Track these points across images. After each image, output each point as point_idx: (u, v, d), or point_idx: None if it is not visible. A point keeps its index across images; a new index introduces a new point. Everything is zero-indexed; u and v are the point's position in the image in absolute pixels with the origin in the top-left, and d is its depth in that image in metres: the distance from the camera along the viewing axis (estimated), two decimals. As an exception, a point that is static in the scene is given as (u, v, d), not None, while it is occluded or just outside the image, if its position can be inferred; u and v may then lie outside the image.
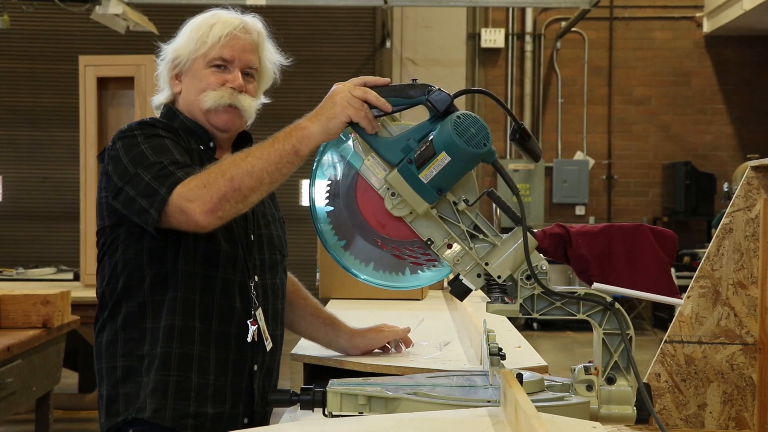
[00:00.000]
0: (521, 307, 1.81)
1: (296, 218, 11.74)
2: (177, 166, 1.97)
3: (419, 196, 1.78)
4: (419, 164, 1.76)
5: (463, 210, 1.81)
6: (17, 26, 9.95)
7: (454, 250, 1.82)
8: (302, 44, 11.42)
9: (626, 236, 1.88)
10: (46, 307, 3.94)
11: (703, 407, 2.15)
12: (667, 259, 1.89)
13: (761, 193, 2.11)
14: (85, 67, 5.98)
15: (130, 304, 2.09)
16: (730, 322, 2.12)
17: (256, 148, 1.93)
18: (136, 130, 2.08)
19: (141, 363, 2.08)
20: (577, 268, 1.87)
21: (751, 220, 2.11)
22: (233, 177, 1.89)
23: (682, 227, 11.76)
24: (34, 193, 11.78)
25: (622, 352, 1.81)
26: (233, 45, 2.16)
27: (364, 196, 1.86)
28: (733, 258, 2.12)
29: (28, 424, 5.13)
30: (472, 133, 1.75)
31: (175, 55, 2.19)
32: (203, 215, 1.90)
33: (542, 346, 9.42)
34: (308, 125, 1.87)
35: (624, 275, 1.85)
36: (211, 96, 2.14)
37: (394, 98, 1.82)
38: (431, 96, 1.79)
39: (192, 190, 1.91)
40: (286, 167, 1.92)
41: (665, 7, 12.04)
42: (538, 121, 12.09)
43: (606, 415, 1.81)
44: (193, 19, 2.21)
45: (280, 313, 2.25)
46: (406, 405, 1.76)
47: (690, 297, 2.15)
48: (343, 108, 1.82)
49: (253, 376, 2.15)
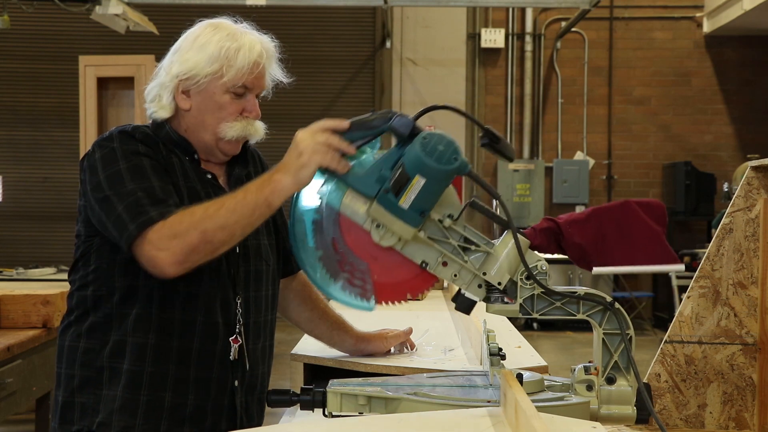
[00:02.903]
0: (521, 307, 1.81)
1: (296, 218, 11.75)
2: (151, 201, 1.94)
3: (403, 222, 1.77)
4: (396, 191, 1.75)
5: (449, 226, 1.80)
6: (17, 26, 9.94)
7: (450, 268, 1.81)
8: (302, 44, 11.42)
9: (615, 216, 1.87)
10: (46, 307, 3.93)
11: (703, 407, 2.15)
12: (658, 228, 1.88)
13: (761, 193, 2.11)
14: (85, 67, 5.99)
15: (97, 314, 2.06)
16: (730, 322, 2.12)
17: (230, 199, 1.92)
18: (116, 142, 2.03)
19: (100, 374, 2.04)
20: (574, 257, 1.86)
21: (751, 220, 2.11)
22: (206, 230, 1.89)
23: (682, 227, 11.76)
24: (34, 193, 11.78)
25: (622, 352, 1.81)
26: (257, 74, 2.12)
27: (350, 234, 1.84)
28: (733, 258, 2.12)
29: (28, 424, 5.13)
30: (440, 150, 1.74)
31: (188, 69, 2.09)
32: (170, 266, 1.91)
33: (542, 346, 9.42)
34: (280, 178, 1.88)
35: (621, 254, 1.85)
36: (236, 128, 2.11)
37: (358, 133, 1.82)
38: (393, 122, 1.78)
39: (162, 239, 1.90)
40: (258, 219, 1.93)
41: (665, 7, 12.04)
42: (538, 121, 12.09)
43: (606, 414, 1.81)
44: (205, 32, 2.13)
45: (262, 326, 2.21)
46: (406, 405, 1.76)
47: (690, 297, 2.15)
48: (310, 156, 1.82)
49: (234, 393, 2.12)
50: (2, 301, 3.91)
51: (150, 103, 2.16)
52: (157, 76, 2.18)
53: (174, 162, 2.10)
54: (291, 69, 2.30)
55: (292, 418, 2.14)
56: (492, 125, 9.13)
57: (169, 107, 2.13)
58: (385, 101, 11.87)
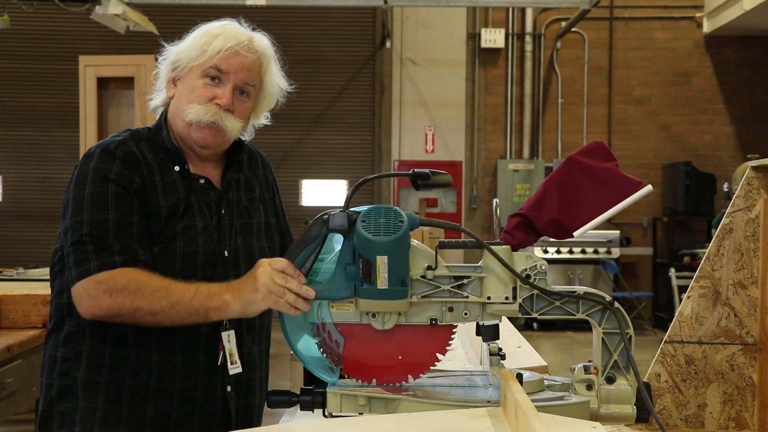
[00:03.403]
0: (520, 307, 1.82)
1: (296, 218, 11.75)
2: (96, 248, 1.96)
3: (393, 300, 1.78)
4: (370, 279, 1.76)
5: (433, 276, 1.81)
6: (17, 26, 9.94)
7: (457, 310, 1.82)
8: (302, 44, 11.42)
9: (564, 176, 1.86)
10: (46, 307, 3.93)
11: (703, 407, 2.15)
12: (609, 164, 1.87)
13: (761, 193, 2.11)
14: (85, 67, 5.99)
15: (72, 322, 2.06)
16: (730, 322, 2.12)
17: (176, 291, 1.92)
18: (94, 161, 2.04)
19: (75, 384, 2.04)
20: (552, 233, 1.86)
21: (751, 220, 2.11)
22: (138, 308, 1.92)
23: (682, 227, 11.76)
24: (34, 193, 11.78)
25: (621, 351, 1.81)
26: (232, 60, 2.08)
27: (356, 341, 1.85)
28: (733, 258, 2.12)
29: (28, 424, 5.13)
30: (383, 223, 1.75)
31: (176, 58, 2.12)
32: (89, 315, 1.96)
33: (542, 346, 9.42)
34: (229, 301, 1.90)
35: (590, 206, 1.85)
36: (196, 110, 2.07)
37: (305, 251, 1.84)
38: (330, 225, 1.80)
39: (97, 290, 1.93)
40: (191, 322, 1.96)
41: (665, 7, 12.04)
42: (538, 121, 12.08)
43: (606, 414, 1.81)
44: (203, 27, 2.15)
45: (258, 330, 2.20)
46: (406, 405, 1.76)
47: (690, 297, 2.15)
48: (263, 297, 1.85)
49: (227, 399, 2.11)
50: (2, 301, 3.91)
51: (151, 97, 2.22)
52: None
53: (156, 180, 2.07)
54: (291, 69, 2.29)
55: (292, 418, 2.14)
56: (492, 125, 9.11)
57: (162, 97, 2.18)
58: (385, 101, 11.87)
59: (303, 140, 11.62)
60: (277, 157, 10.97)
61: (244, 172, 2.24)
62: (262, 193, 2.27)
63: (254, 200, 2.24)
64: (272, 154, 2.21)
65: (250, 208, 2.22)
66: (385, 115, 11.90)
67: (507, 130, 12.05)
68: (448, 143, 11.91)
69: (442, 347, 1.86)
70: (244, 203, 2.21)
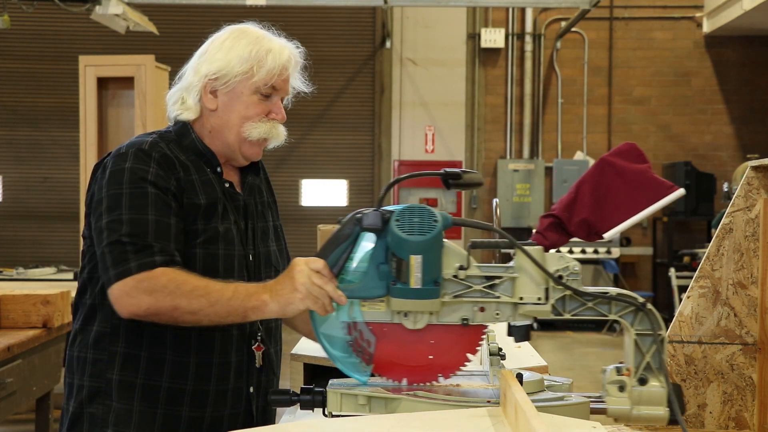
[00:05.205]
0: (552, 308, 1.81)
1: (296, 218, 11.75)
2: (135, 248, 1.94)
3: (425, 299, 1.78)
4: (403, 278, 1.76)
5: (465, 275, 1.81)
6: (17, 26, 9.94)
7: (488, 311, 1.82)
8: (302, 44, 11.39)
9: (597, 177, 1.87)
10: (46, 307, 3.93)
11: (703, 407, 2.15)
12: (642, 166, 1.87)
13: (761, 193, 2.11)
14: (85, 67, 5.99)
15: (102, 324, 2.05)
16: (730, 322, 2.12)
17: (215, 292, 1.91)
18: (129, 162, 2.01)
19: (109, 386, 2.04)
20: (583, 235, 1.86)
21: (751, 220, 2.11)
22: (178, 307, 1.91)
23: (682, 227, 11.76)
24: (34, 193, 11.78)
25: (654, 353, 1.80)
26: (283, 76, 2.14)
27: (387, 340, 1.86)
28: (733, 258, 2.12)
29: (28, 424, 5.13)
30: (417, 222, 1.75)
31: (218, 69, 2.08)
32: (128, 314, 1.94)
33: (542, 346, 9.41)
34: (267, 301, 1.89)
35: (622, 208, 1.85)
36: (260, 128, 2.10)
37: (337, 250, 1.83)
38: (364, 223, 1.79)
39: (137, 289, 1.91)
40: (229, 322, 1.96)
41: (665, 7, 12.04)
42: (538, 121, 12.08)
43: (638, 415, 1.81)
44: (232, 36, 2.12)
45: (274, 331, 2.22)
46: (406, 405, 1.76)
47: (690, 297, 2.15)
48: (302, 297, 1.85)
49: (250, 399, 2.13)
50: (2, 301, 3.91)
51: (173, 105, 2.15)
52: (180, 80, 2.16)
53: (193, 179, 2.07)
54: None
55: (292, 418, 2.14)
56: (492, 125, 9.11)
57: (195, 108, 2.12)
58: (384, 101, 11.87)
59: (303, 140, 11.61)
60: (277, 156, 10.94)
61: (261, 176, 2.27)
62: (267, 196, 2.30)
63: (264, 204, 2.26)
64: (272, 154, 2.22)
65: (264, 211, 2.25)
66: (384, 115, 11.90)
67: (507, 130, 12.05)
68: (448, 143, 11.91)
69: (472, 347, 1.86)
70: (260, 207, 2.23)
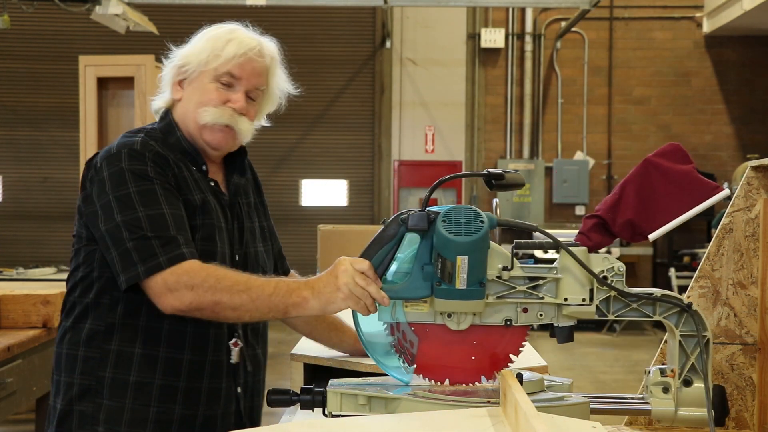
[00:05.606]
0: (597, 309, 1.80)
1: (296, 218, 11.76)
2: (161, 242, 1.93)
3: (470, 301, 1.78)
4: (448, 279, 1.76)
5: (509, 277, 1.80)
6: (17, 26, 9.95)
7: (531, 311, 1.82)
8: (302, 44, 11.43)
9: (642, 177, 1.86)
10: (46, 307, 3.93)
11: (703, 407, 2.14)
12: (687, 166, 1.87)
13: (761, 193, 2.11)
14: (85, 67, 5.99)
15: (97, 322, 2.04)
16: (730, 322, 2.12)
17: (256, 287, 1.91)
18: (124, 162, 2.01)
19: (101, 384, 2.03)
20: (627, 236, 1.85)
21: (751, 220, 2.11)
22: (219, 302, 1.90)
23: (682, 227, 11.70)
24: (34, 193, 11.79)
25: (698, 354, 1.80)
26: (244, 66, 2.10)
27: (430, 341, 1.85)
28: (733, 258, 2.12)
29: (28, 424, 5.14)
30: (464, 223, 1.74)
31: (184, 61, 2.13)
32: (172, 309, 1.93)
33: (542, 346, 9.41)
34: (308, 298, 1.88)
35: (667, 209, 1.84)
36: (211, 112, 2.09)
37: (380, 249, 1.82)
38: (410, 223, 1.78)
39: (179, 284, 1.91)
40: (269, 318, 1.97)
41: (665, 7, 12.04)
42: (538, 121, 12.09)
43: (683, 417, 1.81)
44: (211, 29, 2.16)
45: (260, 332, 2.22)
46: (406, 405, 1.76)
47: (690, 297, 2.15)
48: (345, 298, 1.84)
49: (238, 399, 2.14)
50: (2, 301, 3.91)
51: (154, 98, 2.21)
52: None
53: (186, 176, 2.08)
54: (291, 69, 2.30)
55: (292, 418, 2.14)
56: (492, 125, 9.09)
57: (166, 98, 2.17)
58: (384, 101, 11.87)
59: (303, 140, 11.61)
60: (277, 156, 10.96)
61: (247, 176, 2.27)
62: (254, 197, 2.30)
63: (251, 205, 2.26)
64: (272, 154, 2.23)
65: (250, 212, 2.25)
66: (384, 115, 11.91)
67: (507, 130, 12.05)
68: (448, 143, 11.91)
69: (515, 348, 1.85)
70: (245, 207, 2.23)
